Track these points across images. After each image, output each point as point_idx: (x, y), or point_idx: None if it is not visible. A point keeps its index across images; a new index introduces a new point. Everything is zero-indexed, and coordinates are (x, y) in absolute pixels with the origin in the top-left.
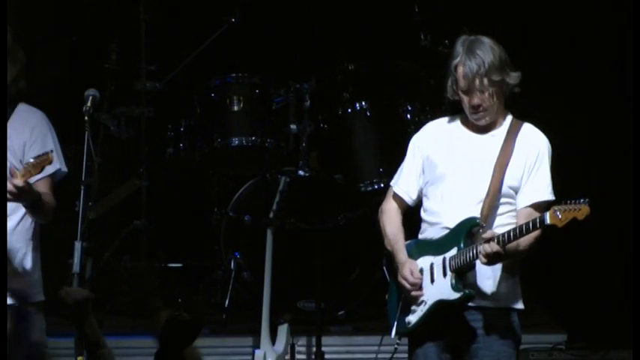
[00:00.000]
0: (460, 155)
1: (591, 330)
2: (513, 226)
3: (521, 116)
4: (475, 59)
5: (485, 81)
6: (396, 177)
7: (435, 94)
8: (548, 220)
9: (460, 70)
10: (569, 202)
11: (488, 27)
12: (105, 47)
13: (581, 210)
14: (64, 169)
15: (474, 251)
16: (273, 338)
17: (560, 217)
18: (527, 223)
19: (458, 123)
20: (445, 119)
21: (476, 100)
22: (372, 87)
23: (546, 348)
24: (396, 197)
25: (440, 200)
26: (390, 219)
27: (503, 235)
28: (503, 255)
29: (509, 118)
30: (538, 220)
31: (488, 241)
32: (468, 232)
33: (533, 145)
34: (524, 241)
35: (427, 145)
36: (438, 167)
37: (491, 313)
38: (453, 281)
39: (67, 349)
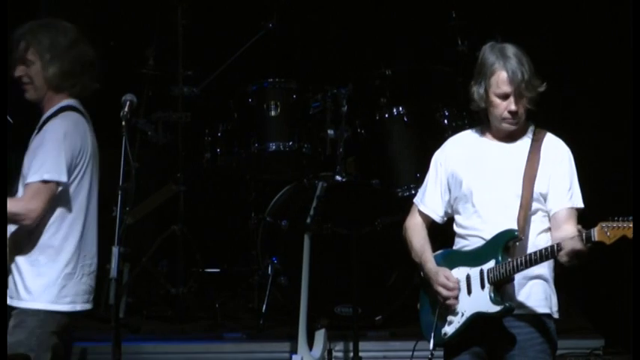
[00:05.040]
0: (486, 166)
1: (629, 335)
2: (547, 231)
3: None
4: (518, 65)
5: (527, 87)
6: (420, 195)
7: (470, 101)
8: (595, 237)
9: (501, 75)
10: (616, 218)
11: (523, 32)
12: (142, 52)
13: (631, 228)
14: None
15: (514, 264)
16: (310, 343)
17: (608, 234)
18: (573, 238)
19: (478, 135)
20: (464, 133)
21: (514, 107)
22: (409, 92)
23: (584, 353)
24: (422, 214)
25: (472, 214)
26: (416, 232)
27: (546, 249)
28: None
29: (531, 127)
30: (584, 237)
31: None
32: (505, 244)
33: (558, 155)
34: None
35: (450, 162)
36: (464, 182)
37: (527, 319)
38: (492, 294)
39: (105, 354)
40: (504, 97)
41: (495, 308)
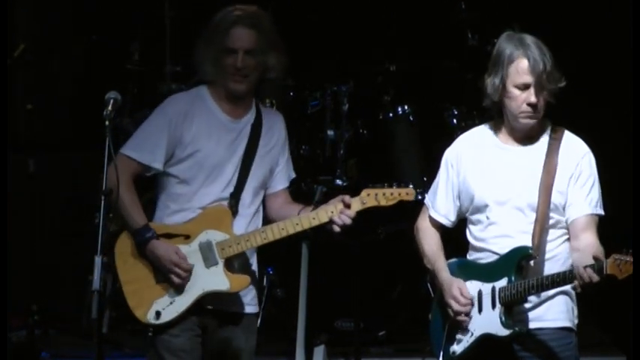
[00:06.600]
0: (500, 175)
1: None
2: (565, 243)
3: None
4: (539, 54)
5: (549, 78)
6: (430, 196)
7: (482, 97)
8: (607, 270)
9: (521, 63)
10: (630, 251)
11: (538, 24)
12: (127, 47)
13: None
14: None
15: (526, 286)
16: None
17: (621, 268)
18: (585, 267)
19: (491, 134)
20: (476, 131)
21: (533, 98)
22: (414, 90)
23: None
24: (432, 219)
25: (486, 226)
26: (428, 236)
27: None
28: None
29: (548, 125)
30: (596, 268)
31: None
32: (518, 263)
33: (578, 156)
34: None
35: (462, 167)
36: (477, 195)
37: (547, 334)
38: (503, 317)
39: None
40: (524, 87)
41: (505, 332)
